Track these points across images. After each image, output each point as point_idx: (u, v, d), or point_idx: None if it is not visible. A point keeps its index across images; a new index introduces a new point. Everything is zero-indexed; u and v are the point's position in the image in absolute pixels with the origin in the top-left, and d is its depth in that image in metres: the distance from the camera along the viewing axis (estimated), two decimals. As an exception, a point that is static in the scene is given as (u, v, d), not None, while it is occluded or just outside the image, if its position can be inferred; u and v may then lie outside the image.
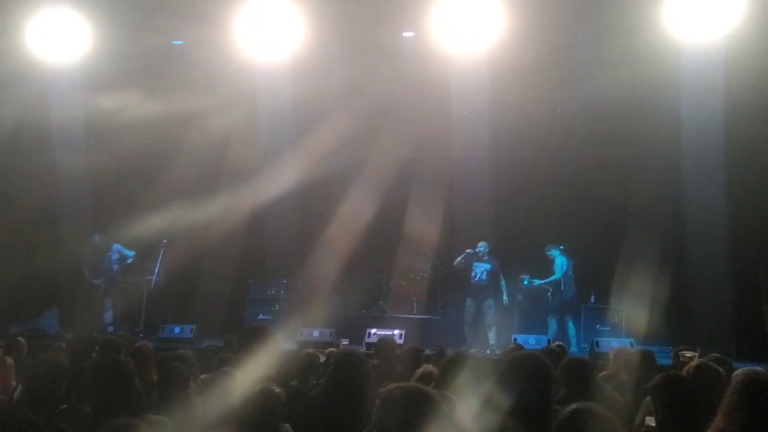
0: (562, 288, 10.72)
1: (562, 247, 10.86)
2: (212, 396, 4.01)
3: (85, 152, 11.51)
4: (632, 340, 9.51)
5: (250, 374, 4.03)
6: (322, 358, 5.53)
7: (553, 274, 10.75)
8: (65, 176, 11.76)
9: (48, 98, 10.71)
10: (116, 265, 11.09)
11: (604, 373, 5.56)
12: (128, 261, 11.15)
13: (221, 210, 11.18)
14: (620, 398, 4.52)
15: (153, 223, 10.66)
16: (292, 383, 4.70)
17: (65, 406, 4.08)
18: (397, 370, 5.54)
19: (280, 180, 11.33)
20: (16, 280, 9.96)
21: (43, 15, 9.60)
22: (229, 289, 11.45)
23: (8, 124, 10.05)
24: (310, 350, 5.83)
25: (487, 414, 3.02)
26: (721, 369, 4.44)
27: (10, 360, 6.53)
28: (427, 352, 6.48)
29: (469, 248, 10.70)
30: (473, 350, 9.42)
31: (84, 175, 11.74)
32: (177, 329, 10.59)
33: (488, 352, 9.99)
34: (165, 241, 11.09)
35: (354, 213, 11.47)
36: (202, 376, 4.63)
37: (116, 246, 11.11)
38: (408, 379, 4.76)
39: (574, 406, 2.71)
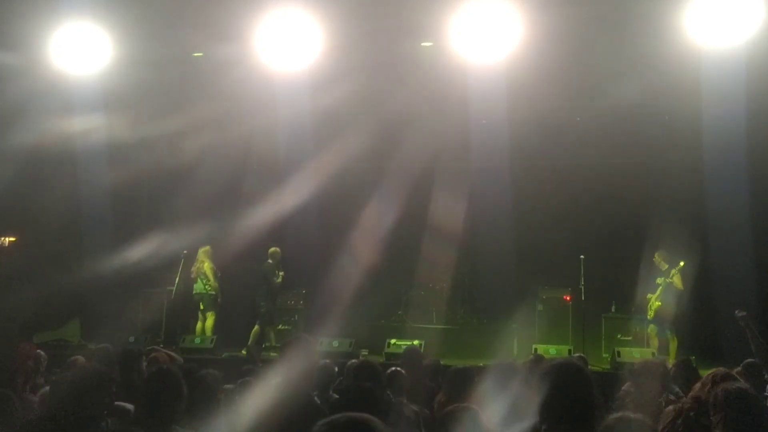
0: None
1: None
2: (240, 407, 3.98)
3: (107, 164, 11.62)
4: (654, 350, 9.41)
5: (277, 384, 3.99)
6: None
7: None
8: (88, 188, 11.88)
9: (71, 111, 10.83)
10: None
11: (626, 385, 5.49)
12: None
13: (241, 220, 11.23)
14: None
15: (174, 234, 10.73)
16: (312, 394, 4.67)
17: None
18: (424, 381, 5.47)
19: (300, 190, 11.36)
20: (39, 292, 10.05)
21: (66, 29, 9.70)
22: (249, 299, 11.49)
23: (32, 138, 10.16)
24: (327, 361, 5.80)
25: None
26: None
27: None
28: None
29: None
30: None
31: (106, 187, 11.85)
32: (197, 339, 10.65)
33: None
34: (185, 251, 11.13)
35: (373, 222, 11.47)
36: (226, 386, 4.62)
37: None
38: (435, 391, 4.74)
39: (618, 414, 2.69)
